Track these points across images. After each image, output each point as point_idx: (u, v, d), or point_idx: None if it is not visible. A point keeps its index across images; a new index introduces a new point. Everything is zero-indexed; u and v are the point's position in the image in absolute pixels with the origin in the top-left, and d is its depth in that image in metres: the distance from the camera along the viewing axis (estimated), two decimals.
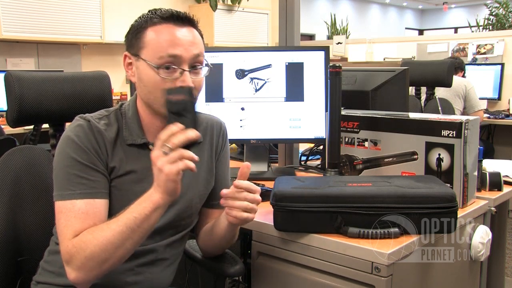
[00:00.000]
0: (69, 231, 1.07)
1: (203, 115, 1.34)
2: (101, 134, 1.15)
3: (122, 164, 1.17)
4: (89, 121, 1.16)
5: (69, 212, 1.09)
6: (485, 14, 8.53)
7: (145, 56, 1.13)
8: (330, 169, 1.50)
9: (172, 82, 1.12)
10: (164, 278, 1.25)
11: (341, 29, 9.17)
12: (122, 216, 1.05)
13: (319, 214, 1.19)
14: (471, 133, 1.36)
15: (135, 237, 1.05)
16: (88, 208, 1.09)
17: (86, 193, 1.10)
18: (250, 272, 1.38)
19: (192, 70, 1.14)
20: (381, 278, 1.11)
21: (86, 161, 1.12)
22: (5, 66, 4.60)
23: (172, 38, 1.12)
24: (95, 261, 1.04)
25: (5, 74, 1.38)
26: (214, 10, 5.88)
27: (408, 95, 1.85)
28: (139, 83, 1.16)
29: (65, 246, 1.07)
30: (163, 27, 1.13)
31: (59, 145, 1.15)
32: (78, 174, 1.11)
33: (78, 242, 1.05)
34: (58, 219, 1.10)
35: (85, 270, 1.05)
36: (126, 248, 1.05)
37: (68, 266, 1.06)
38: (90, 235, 1.05)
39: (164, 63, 1.11)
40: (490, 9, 8.20)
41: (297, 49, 1.80)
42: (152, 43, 1.12)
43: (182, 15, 1.14)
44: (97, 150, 1.14)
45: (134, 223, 1.03)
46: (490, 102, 5.05)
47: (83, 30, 4.86)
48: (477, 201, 1.49)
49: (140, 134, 1.19)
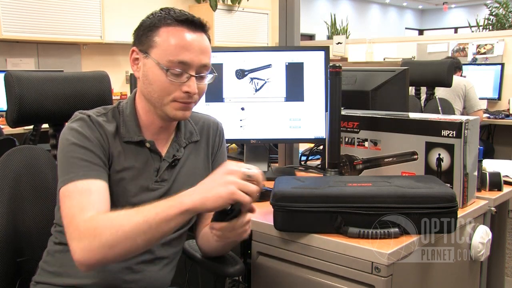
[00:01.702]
0: (75, 209, 1.04)
1: (200, 115, 1.35)
2: (102, 127, 1.16)
3: (119, 159, 1.17)
4: (89, 116, 1.17)
5: (73, 192, 1.07)
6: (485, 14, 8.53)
7: (154, 55, 1.13)
8: (330, 169, 1.50)
9: (178, 84, 1.13)
10: (162, 277, 1.25)
11: (341, 29, 9.16)
12: (143, 208, 1.00)
13: (319, 214, 1.19)
14: (471, 133, 1.36)
15: (148, 235, 0.99)
16: (91, 186, 1.08)
17: (88, 174, 1.09)
18: (250, 272, 1.38)
19: (198, 75, 1.16)
20: (381, 278, 1.11)
21: (89, 146, 1.12)
22: (5, 66, 4.61)
23: (184, 43, 1.12)
24: (102, 242, 0.98)
25: (5, 74, 1.38)
26: (214, 10, 5.88)
27: (408, 95, 1.85)
28: (144, 80, 1.17)
29: (75, 224, 1.02)
30: (177, 30, 1.13)
31: (61, 137, 1.15)
32: (80, 157, 1.11)
33: (90, 220, 1.01)
34: (63, 203, 1.07)
35: (89, 250, 0.99)
36: (135, 243, 0.99)
37: (74, 242, 1.01)
38: (105, 216, 1.02)
39: (172, 67, 1.12)
40: (490, 9, 8.20)
41: (297, 49, 1.80)
42: (163, 44, 1.13)
43: (196, 20, 1.15)
44: (100, 139, 1.15)
45: (154, 219, 0.98)
46: (490, 102, 5.05)
47: (83, 30, 4.86)
48: (477, 201, 1.49)
49: (137, 131, 1.20)
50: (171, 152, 1.24)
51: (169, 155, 1.23)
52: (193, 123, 1.32)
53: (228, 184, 0.98)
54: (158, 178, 1.21)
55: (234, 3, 6.15)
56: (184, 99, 1.15)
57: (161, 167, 1.22)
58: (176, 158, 1.24)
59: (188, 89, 1.14)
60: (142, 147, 1.20)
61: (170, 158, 1.23)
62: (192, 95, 1.15)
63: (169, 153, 1.24)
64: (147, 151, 1.21)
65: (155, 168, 1.21)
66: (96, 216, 1.03)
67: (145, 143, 1.20)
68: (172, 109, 1.16)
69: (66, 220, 1.05)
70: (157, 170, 1.21)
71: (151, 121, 1.21)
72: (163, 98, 1.15)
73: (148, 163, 1.21)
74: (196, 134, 1.30)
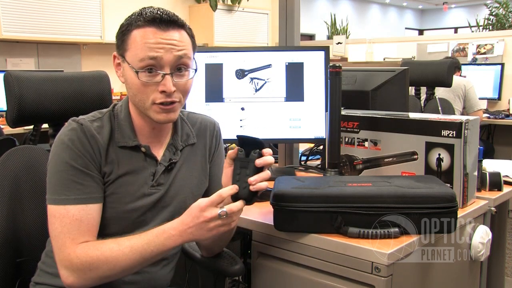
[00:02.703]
0: (66, 238, 1.08)
1: (197, 115, 1.34)
2: (94, 139, 1.14)
3: (115, 168, 1.16)
4: (82, 124, 1.15)
5: (64, 218, 1.09)
6: (485, 14, 8.54)
7: (128, 58, 1.12)
8: (330, 169, 1.50)
9: (154, 85, 1.11)
10: (162, 277, 1.25)
11: (341, 29, 9.17)
12: (137, 243, 1.07)
13: (319, 214, 1.19)
14: (471, 133, 1.36)
15: (144, 264, 1.10)
16: (82, 214, 1.10)
17: (80, 198, 1.10)
18: (250, 272, 1.38)
19: (176, 73, 1.13)
20: (381, 278, 1.11)
21: (81, 165, 1.11)
22: (5, 66, 4.60)
23: (151, 42, 1.09)
24: (98, 275, 1.07)
25: (5, 74, 1.38)
26: (214, 10, 5.87)
27: (408, 95, 1.85)
28: (126, 85, 1.16)
29: (66, 254, 1.07)
30: (145, 31, 1.10)
31: (53, 149, 1.14)
32: (73, 179, 1.10)
33: (84, 256, 1.06)
34: (52, 223, 1.10)
35: (84, 279, 1.07)
36: (132, 271, 1.11)
37: (65, 270, 1.07)
38: (98, 251, 1.06)
39: (145, 66, 1.10)
40: (490, 9, 8.21)
41: (297, 49, 1.80)
42: (134, 46, 1.11)
43: (165, 17, 1.11)
44: (91, 154, 1.13)
45: (150, 254, 1.07)
46: (490, 102, 5.05)
47: (83, 30, 4.86)
48: (477, 201, 1.49)
49: (132, 136, 1.19)
50: (167, 155, 1.22)
51: (165, 159, 1.22)
52: (190, 125, 1.29)
53: (215, 229, 1.07)
54: (154, 183, 1.20)
55: (234, 3, 6.15)
56: (163, 99, 1.12)
57: (157, 171, 1.20)
58: (172, 161, 1.22)
59: (163, 88, 1.10)
60: (137, 151, 1.19)
61: (166, 162, 1.21)
62: (170, 94, 1.12)
63: (165, 156, 1.22)
64: (142, 155, 1.19)
65: (151, 173, 1.20)
66: (88, 250, 1.07)
67: (140, 147, 1.19)
68: (154, 113, 1.13)
69: (55, 244, 1.10)
70: (153, 175, 1.20)
71: (143, 124, 1.19)
72: (144, 102, 1.13)
73: (143, 167, 1.19)
74: (193, 137, 1.28)
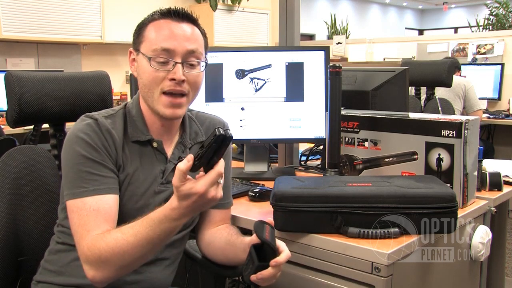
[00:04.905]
0: (83, 231, 1.07)
1: (206, 115, 1.35)
2: (109, 133, 1.16)
3: (129, 162, 1.18)
4: (96, 119, 1.17)
5: (81, 211, 1.09)
6: (485, 14, 8.54)
7: (143, 49, 1.16)
8: (330, 169, 1.50)
9: (165, 73, 1.14)
10: (164, 278, 1.25)
11: (341, 29, 9.16)
12: (141, 229, 1.01)
13: (319, 214, 1.19)
14: (471, 133, 1.36)
15: (156, 248, 1.06)
16: (99, 204, 1.09)
17: (98, 189, 1.10)
18: None
19: (187, 64, 1.16)
20: (381, 278, 1.11)
21: (97, 158, 1.12)
22: (5, 66, 4.60)
23: (166, 31, 1.15)
24: (112, 266, 1.04)
25: (5, 74, 1.38)
26: (214, 10, 5.87)
27: (408, 95, 1.85)
28: (138, 76, 1.19)
29: (81, 247, 1.06)
30: (162, 22, 1.16)
31: (66, 145, 1.15)
32: (90, 170, 1.11)
33: (93, 247, 1.04)
34: (71, 219, 1.10)
35: (102, 272, 1.05)
36: (144, 258, 1.07)
37: (85, 264, 1.06)
38: (104, 242, 1.03)
39: (157, 55, 1.14)
40: (490, 9, 8.21)
41: (297, 49, 1.80)
42: (149, 37, 1.16)
43: (180, 11, 1.17)
44: (107, 148, 1.15)
45: (158, 237, 1.02)
46: (490, 102, 5.05)
47: (83, 30, 4.86)
48: (477, 201, 1.49)
49: (144, 130, 1.21)
50: (176, 153, 1.24)
51: (175, 157, 1.23)
52: (199, 124, 1.32)
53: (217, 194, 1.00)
54: (163, 180, 1.21)
55: (234, 3, 6.14)
56: (172, 87, 1.14)
57: (167, 169, 1.22)
58: (181, 159, 1.23)
59: (173, 76, 1.14)
60: (149, 149, 1.20)
61: (175, 160, 1.23)
62: (180, 83, 1.14)
63: (175, 154, 1.24)
64: (153, 153, 1.21)
65: (161, 170, 1.21)
66: (96, 242, 1.04)
67: (152, 142, 1.21)
68: (162, 106, 1.16)
69: (75, 239, 1.09)
70: (162, 172, 1.21)
71: (154, 120, 1.21)
72: (153, 91, 1.15)
73: (153, 165, 1.21)
74: (202, 135, 1.30)
